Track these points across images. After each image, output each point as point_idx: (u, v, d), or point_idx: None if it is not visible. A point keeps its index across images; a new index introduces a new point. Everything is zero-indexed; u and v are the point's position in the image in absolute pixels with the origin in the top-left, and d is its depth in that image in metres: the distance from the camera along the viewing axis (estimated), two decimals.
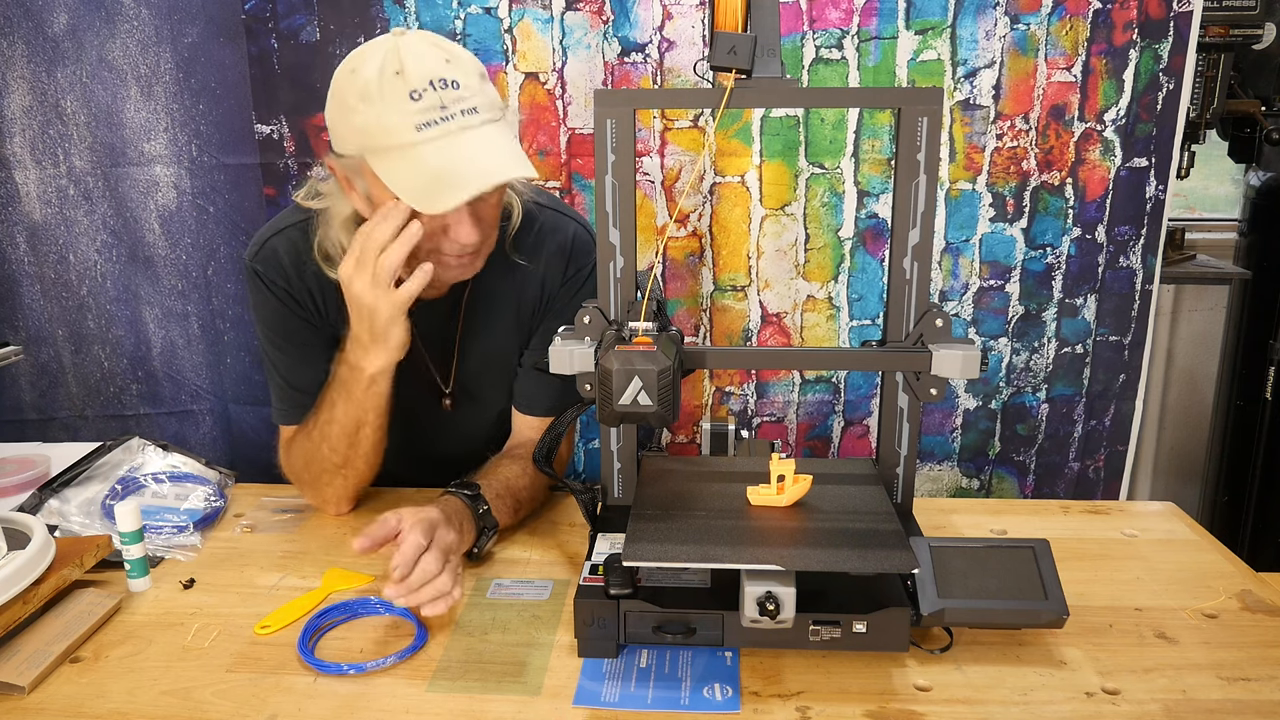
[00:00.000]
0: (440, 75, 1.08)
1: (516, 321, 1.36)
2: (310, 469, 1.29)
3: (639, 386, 0.91)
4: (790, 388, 1.94)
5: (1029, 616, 0.96)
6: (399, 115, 1.07)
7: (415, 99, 1.07)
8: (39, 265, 1.84)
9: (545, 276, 1.34)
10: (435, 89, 1.07)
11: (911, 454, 1.12)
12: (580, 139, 1.79)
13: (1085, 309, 1.90)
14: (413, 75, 1.07)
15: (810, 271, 1.87)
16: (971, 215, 1.84)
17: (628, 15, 1.73)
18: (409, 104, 1.07)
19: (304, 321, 1.30)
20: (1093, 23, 1.73)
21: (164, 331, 1.88)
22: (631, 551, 0.94)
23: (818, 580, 0.93)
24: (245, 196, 1.81)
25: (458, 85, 1.09)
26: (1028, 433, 1.97)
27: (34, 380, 1.91)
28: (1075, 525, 1.29)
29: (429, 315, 1.33)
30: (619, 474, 1.17)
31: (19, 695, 0.93)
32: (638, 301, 1.04)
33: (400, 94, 1.07)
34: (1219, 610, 1.07)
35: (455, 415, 1.41)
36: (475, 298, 1.34)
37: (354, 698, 0.93)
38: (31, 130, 1.77)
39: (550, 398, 1.34)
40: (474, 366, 1.38)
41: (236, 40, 1.74)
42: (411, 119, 1.07)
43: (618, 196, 1.05)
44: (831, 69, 1.76)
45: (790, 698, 0.92)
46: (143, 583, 1.13)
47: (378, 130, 1.09)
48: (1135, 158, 1.82)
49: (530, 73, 1.76)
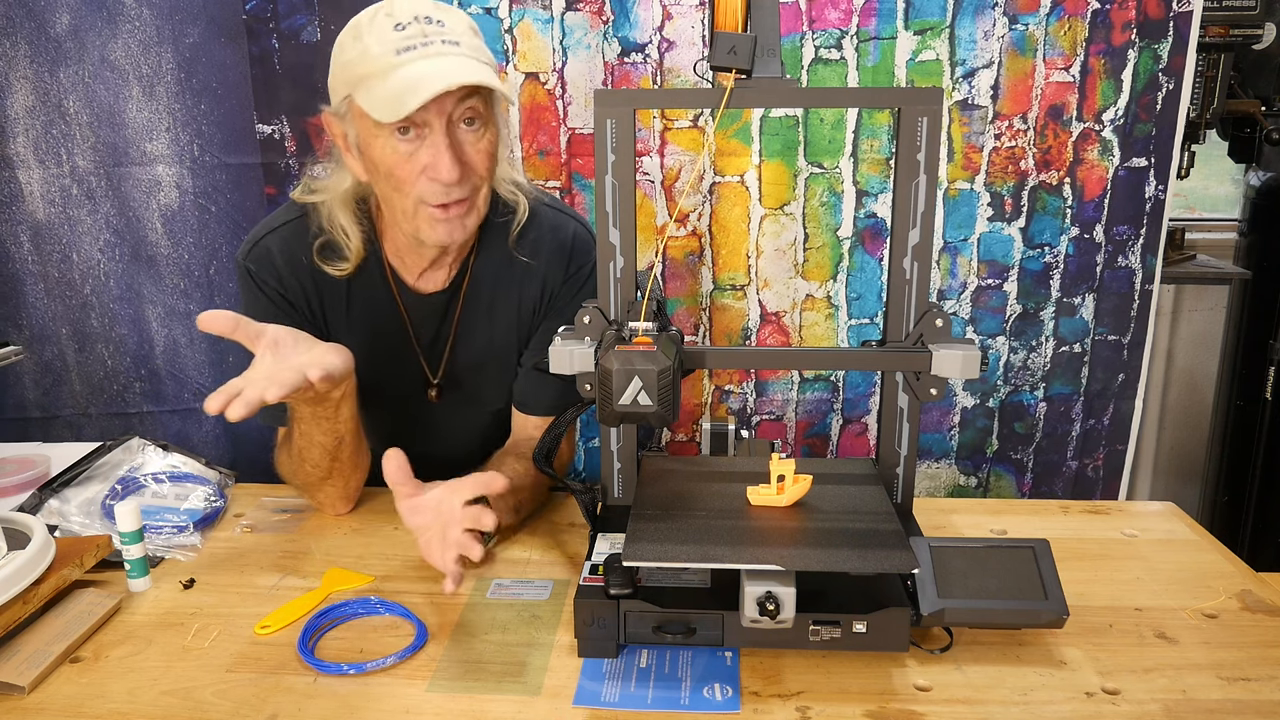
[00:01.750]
0: (427, 14, 1.13)
1: (517, 319, 1.36)
2: (298, 478, 1.30)
3: (639, 386, 0.91)
4: (789, 386, 1.94)
5: (1029, 616, 0.96)
6: (382, 44, 1.11)
7: (399, 29, 1.11)
8: (42, 264, 1.84)
9: (546, 275, 1.34)
10: (419, 22, 1.12)
11: (911, 454, 1.12)
12: (580, 139, 1.79)
13: (1083, 308, 1.90)
14: (400, 11, 1.12)
15: (809, 271, 1.87)
16: (970, 215, 1.84)
17: (628, 15, 1.73)
18: (393, 33, 1.11)
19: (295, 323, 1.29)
20: (1091, 23, 1.74)
21: (167, 330, 1.88)
22: (631, 551, 0.94)
23: (818, 580, 0.94)
24: (247, 196, 1.81)
25: (443, 24, 1.13)
26: (1025, 431, 1.98)
27: (38, 378, 1.91)
28: (1075, 525, 1.29)
29: (424, 306, 1.33)
30: (619, 474, 1.17)
31: (19, 695, 0.93)
32: (638, 301, 1.04)
33: (386, 26, 1.12)
34: (1219, 610, 1.07)
35: (443, 409, 1.40)
36: (474, 292, 1.34)
37: (354, 698, 0.93)
38: (34, 130, 1.78)
39: (550, 398, 1.34)
40: (468, 361, 1.38)
41: (238, 40, 1.74)
42: (393, 45, 1.11)
43: (618, 196, 1.05)
44: (831, 69, 1.76)
45: (790, 698, 0.92)
46: (143, 583, 1.13)
47: (363, 60, 1.12)
48: (1135, 157, 1.82)
49: (530, 73, 1.76)
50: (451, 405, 1.40)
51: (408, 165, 1.15)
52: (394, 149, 1.14)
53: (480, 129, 1.17)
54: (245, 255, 1.30)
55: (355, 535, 1.27)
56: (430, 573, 1.11)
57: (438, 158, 1.13)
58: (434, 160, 1.14)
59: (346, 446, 1.24)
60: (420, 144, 1.14)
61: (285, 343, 1.11)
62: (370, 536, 1.26)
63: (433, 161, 1.14)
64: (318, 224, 1.27)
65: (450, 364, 1.38)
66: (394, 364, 1.34)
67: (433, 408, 1.40)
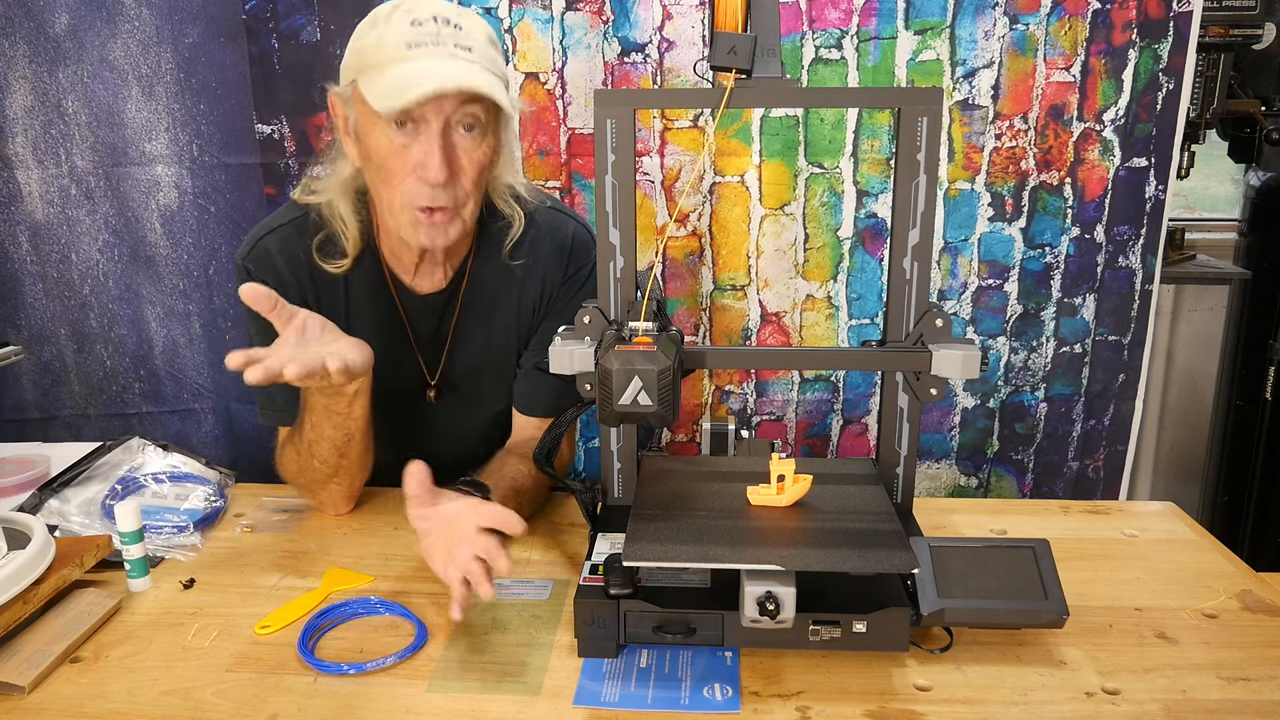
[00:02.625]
0: (447, 16, 1.13)
1: (516, 321, 1.36)
2: (303, 477, 1.29)
3: (639, 386, 0.91)
4: (789, 386, 1.94)
5: (1029, 616, 0.96)
6: (395, 36, 1.12)
7: (416, 26, 1.12)
8: (41, 264, 1.84)
9: (545, 275, 1.34)
10: (438, 23, 1.12)
11: (911, 454, 1.12)
12: (580, 139, 1.79)
13: (1084, 308, 1.90)
14: (421, 10, 1.13)
15: (809, 271, 1.87)
16: (970, 215, 1.84)
17: (628, 15, 1.73)
18: (408, 28, 1.12)
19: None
20: (1092, 23, 1.74)
21: (166, 330, 1.88)
22: (631, 551, 0.94)
23: (818, 580, 0.94)
24: (246, 196, 1.81)
25: (460, 28, 1.14)
26: (1026, 431, 1.98)
27: (36, 379, 1.91)
28: (1075, 525, 1.29)
29: (422, 306, 1.33)
30: (619, 474, 1.17)
31: (19, 695, 0.93)
32: (638, 301, 1.04)
33: (404, 21, 1.12)
34: (1219, 610, 1.07)
35: (441, 410, 1.40)
36: (473, 294, 1.34)
37: (354, 698, 0.93)
38: (33, 130, 1.78)
39: (551, 398, 1.34)
40: (467, 362, 1.38)
41: (237, 40, 1.74)
42: (405, 38, 1.11)
43: (618, 196, 1.05)
44: (831, 69, 1.76)
45: (790, 698, 0.92)
46: (143, 583, 1.13)
47: (374, 49, 1.13)
48: (1135, 157, 1.82)
49: (530, 73, 1.76)
50: (450, 406, 1.40)
51: (400, 158, 1.15)
52: (389, 139, 1.14)
53: (478, 137, 1.17)
54: (244, 255, 1.30)
55: (355, 535, 1.27)
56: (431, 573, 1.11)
57: (428, 156, 1.13)
58: (424, 158, 1.14)
59: (355, 444, 1.24)
60: (415, 139, 1.14)
61: (312, 329, 1.12)
62: (370, 536, 1.26)
63: (423, 159, 1.14)
64: (316, 215, 1.27)
65: (448, 365, 1.38)
66: (392, 364, 1.34)
67: (432, 408, 1.40)
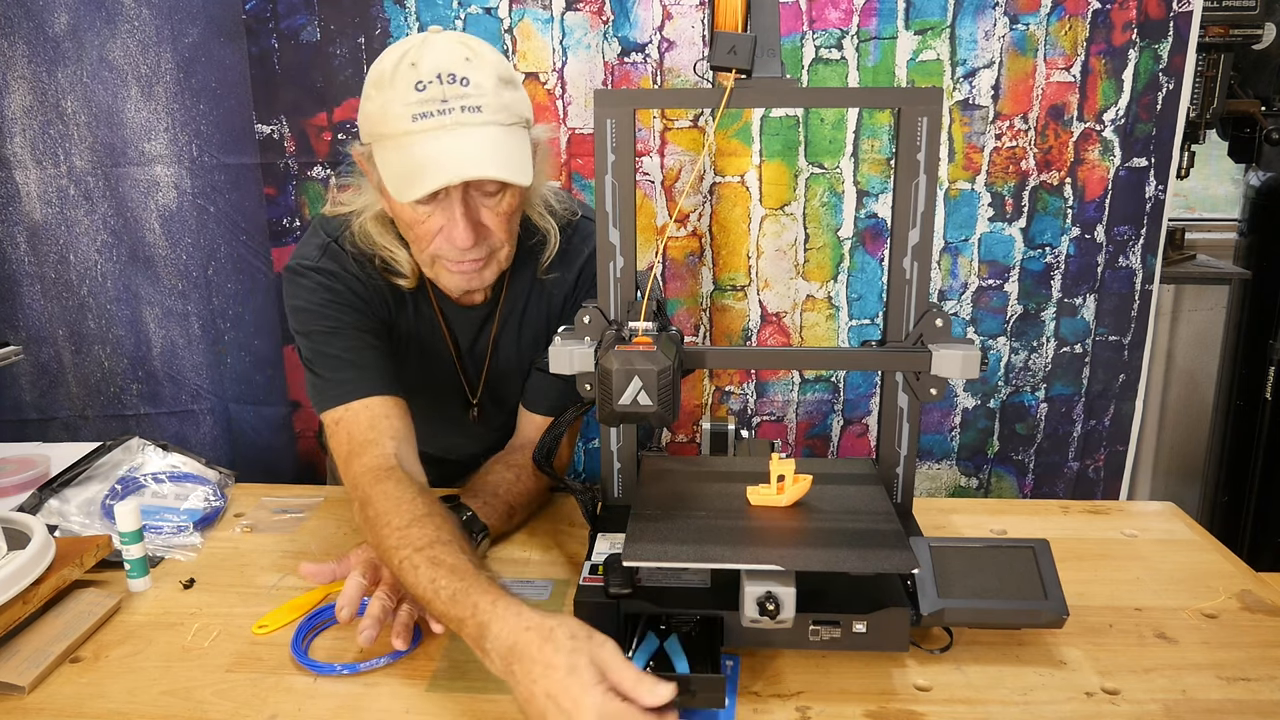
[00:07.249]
0: (451, 70, 1.07)
1: (547, 330, 1.34)
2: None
3: (639, 386, 0.91)
4: (790, 387, 1.94)
5: (1029, 616, 0.96)
6: (401, 104, 1.07)
7: (419, 89, 1.07)
8: (39, 265, 1.84)
9: (574, 284, 1.33)
10: (441, 82, 1.07)
11: (911, 454, 1.12)
12: (580, 139, 1.79)
13: (1084, 309, 1.90)
14: (424, 67, 1.07)
15: (810, 271, 1.87)
16: (970, 215, 1.84)
17: (628, 15, 1.73)
18: (412, 94, 1.07)
19: (370, 320, 1.26)
20: (1092, 23, 1.74)
21: (164, 331, 1.88)
22: (631, 551, 0.94)
23: (818, 580, 0.93)
24: (245, 196, 1.81)
25: (467, 82, 1.08)
26: (1026, 432, 1.98)
27: (34, 380, 1.91)
28: (1075, 525, 1.29)
29: (465, 323, 1.32)
30: (619, 474, 1.17)
31: (19, 695, 0.93)
32: (638, 301, 1.04)
33: (407, 84, 1.07)
34: (1219, 610, 1.07)
35: (480, 424, 1.41)
36: (509, 309, 1.33)
37: (354, 698, 0.93)
38: (32, 130, 1.77)
39: (554, 397, 1.33)
40: (502, 376, 1.38)
41: (237, 40, 1.74)
42: (410, 109, 1.07)
43: (618, 196, 1.05)
44: (831, 69, 1.76)
45: (790, 698, 0.92)
46: (143, 583, 1.13)
47: (380, 118, 1.10)
48: (1135, 158, 1.82)
49: (530, 73, 1.76)
50: (488, 419, 1.41)
51: (424, 225, 1.14)
52: (411, 209, 1.13)
53: (499, 195, 1.14)
54: (318, 258, 1.24)
55: (355, 535, 1.27)
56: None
57: (452, 226, 1.12)
58: (449, 228, 1.13)
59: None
60: (436, 209, 1.12)
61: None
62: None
63: (448, 228, 1.13)
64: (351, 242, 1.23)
65: (488, 380, 1.38)
66: (436, 376, 1.33)
67: (469, 423, 1.40)
